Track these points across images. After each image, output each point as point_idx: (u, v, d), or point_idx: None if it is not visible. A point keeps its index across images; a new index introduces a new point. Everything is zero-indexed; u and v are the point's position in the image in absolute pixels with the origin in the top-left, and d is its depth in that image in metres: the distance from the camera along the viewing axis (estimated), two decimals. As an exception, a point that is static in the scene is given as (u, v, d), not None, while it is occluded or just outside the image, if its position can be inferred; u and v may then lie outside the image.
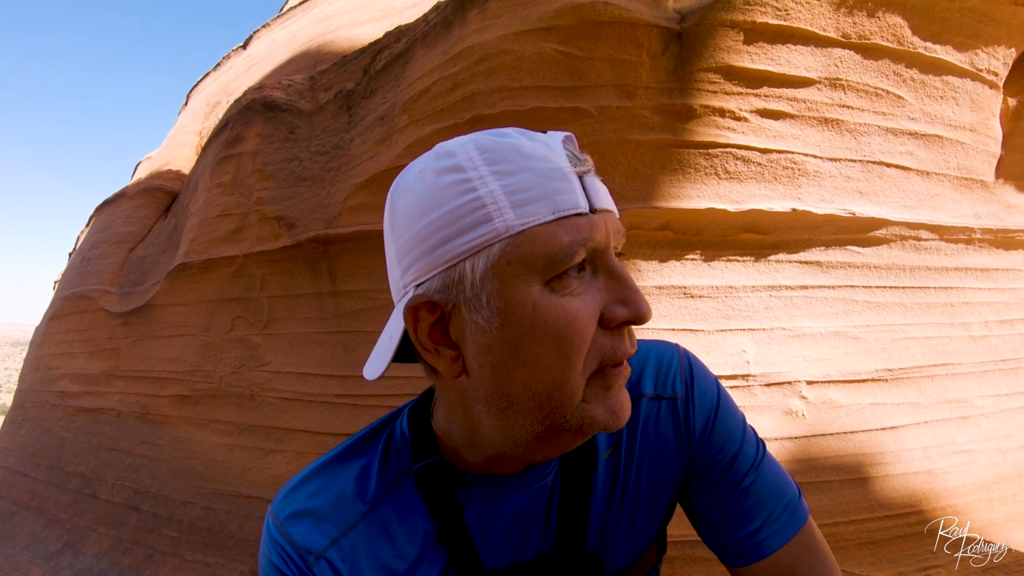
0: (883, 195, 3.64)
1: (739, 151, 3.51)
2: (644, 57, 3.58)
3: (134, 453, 6.52)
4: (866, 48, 3.55)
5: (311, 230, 4.79)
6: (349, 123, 5.07)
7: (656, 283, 3.64)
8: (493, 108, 3.78)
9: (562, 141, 0.68)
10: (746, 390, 3.57)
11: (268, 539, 0.81)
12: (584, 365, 0.65)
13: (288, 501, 0.81)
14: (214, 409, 5.68)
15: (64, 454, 7.58)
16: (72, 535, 6.67)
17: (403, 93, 4.45)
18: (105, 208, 9.28)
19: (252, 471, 5.23)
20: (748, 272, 3.65)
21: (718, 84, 3.51)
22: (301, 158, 5.24)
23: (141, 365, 6.73)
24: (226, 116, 6.26)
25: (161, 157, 9.51)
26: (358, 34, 7.47)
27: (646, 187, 3.60)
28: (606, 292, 0.65)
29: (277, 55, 8.55)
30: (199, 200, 6.19)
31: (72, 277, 8.88)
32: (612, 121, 3.60)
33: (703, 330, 3.62)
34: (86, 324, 7.99)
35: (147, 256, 7.47)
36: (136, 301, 6.97)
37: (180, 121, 10.44)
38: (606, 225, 0.66)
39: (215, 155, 6.06)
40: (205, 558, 5.34)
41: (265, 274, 5.31)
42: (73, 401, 7.84)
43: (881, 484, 3.55)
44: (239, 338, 5.52)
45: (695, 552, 3.32)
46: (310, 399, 4.94)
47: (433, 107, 4.09)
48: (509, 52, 3.74)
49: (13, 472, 8.41)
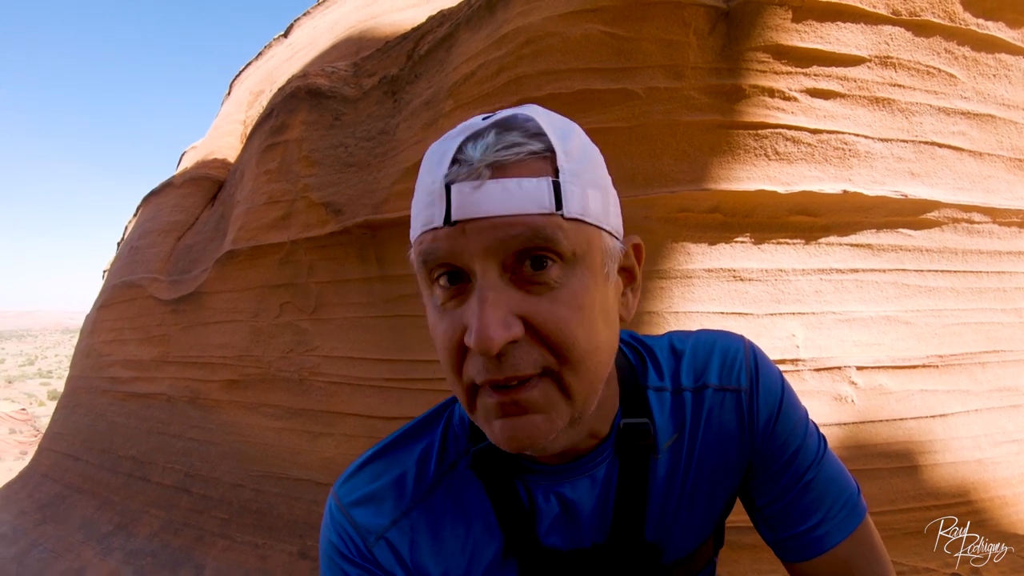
0: (935, 176, 3.62)
1: (789, 132, 3.53)
2: (692, 37, 3.62)
3: (184, 437, 6.80)
4: (917, 25, 3.54)
5: (358, 216, 4.93)
6: (394, 108, 5.19)
7: (706, 266, 3.67)
8: (540, 91, 3.85)
9: (465, 139, 0.63)
10: (795, 375, 3.59)
11: (329, 519, 0.84)
12: (459, 375, 0.65)
13: (350, 483, 0.84)
14: (264, 393, 5.90)
15: (116, 438, 7.90)
16: (124, 517, 7.00)
17: (448, 77, 4.55)
18: (152, 198, 9.57)
19: (302, 454, 5.43)
20: (798, 255, 3.66)
21: (767, 63, 3.53)
22: (347, 144, 5.38)
23: (191, 351, 7.01)
24: (271, 104, 6.45)
25: (206, 146, 9.77)
26: (401, 19, 7.60)
27: (695, 169, 3.63)
28: (466, 311, 0.62)
29: (319, 42, 8.73)
30: (246, 188, 6.40)
31: (121, 266, 9.17)
32: (661, 102, 3.64)
33: (753, 314, 3.66)
34: (136, 312, 8.29)
35: (195, 244, 7.71)
36: (185, 288, 7.25)
37: (224, 111, 10.71)
38: (467, 236, 0.61)
39: (261, 143, 6.25)
40: (255, 539, 5.57)
41: (313, 260, 5.49)
42: (124, 387, 8.15)
43: (930, 473, 3.55)
44: (288, 323, 5.73)
45: (742, 539, 3.35)
46: (359, 383, 5.12)
47: (479, 91, 4.18)
48: (555, 34, 3.80)
49: (66, 456, 8.78)
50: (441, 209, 0.61)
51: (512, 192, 0.60)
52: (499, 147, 0.61)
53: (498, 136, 0.62)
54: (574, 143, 0.67)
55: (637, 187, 3.68)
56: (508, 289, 0.62)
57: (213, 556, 5.71)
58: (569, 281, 0.63)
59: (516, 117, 0.65)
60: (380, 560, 0.81)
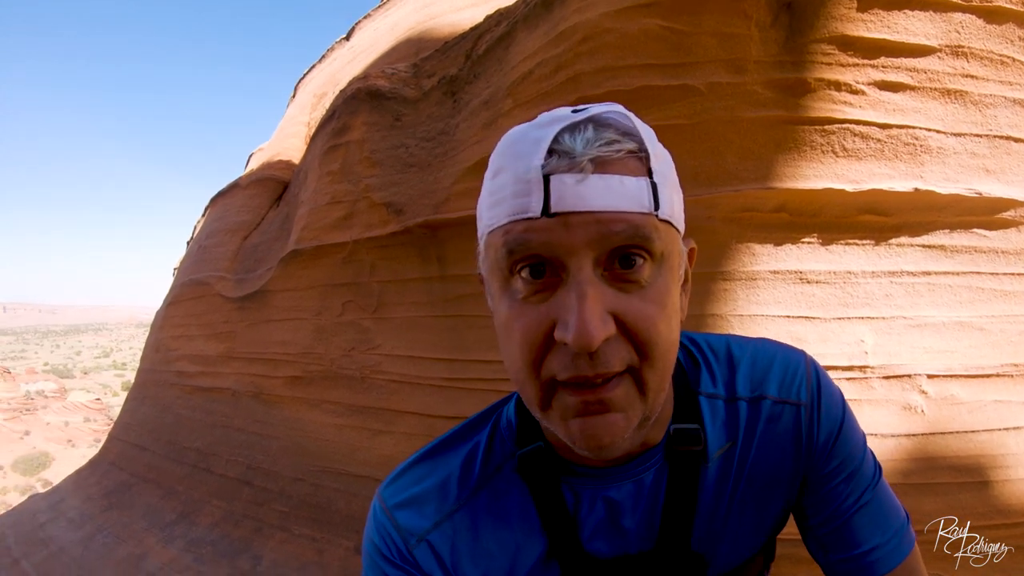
0: (1011, 173, 3.44)
1: (857, 127, 3.41)
2: (753, 29, 3.54)
3: (247, 431, 6.98)
4: (989, 12, 3.37)
5: (419, 216, 4.99)
6: (454, 109, 5.24)
7: (771, 268, 3.59)
8: (598, 88, 3.82)
9: (562, 130, 0.63)
10: (863, 382, 3.46)
11: (372, 520, 0.86)
12: (537, 372, 0.65)
13: (395, 485, 0.86)
14: (325, 390, 6.02)
15: (181, 430, 8.17)
16: (187, 506, 7.23)
17: (507, 76, 4.57)
18: (220, 199, 9.88)
19: (361, 451, 5.52)
20: (867, 256, 3.54)
21: (832, 55, 3.43)
22: (407, 145, 5.45)
23: (255, 347, 7.20)
24: (332, 106, 6.59)
25: (272, 148, 10.02)
26: (459, 19, 7.67)
27: (760, 167, 3.55)
28: (560, 306, 0.62)
29: (380, 44, 8.85)
30: (309, 189, 6.54)
31: (190, 264, 9.49)
32: (722, 98, 3.58)
33: (819, 317, 3.54)
34: (203, 308, 8.57)
35: (260, 244, 7.92)
36: (250, 287, 7.46)
37: (289, 113, 10.96)
38: (568, 229, 0.61)
39: (323, 144, 6.38)
40: (312, 533, 5.69)
41: (375, 259, 5.58)
42: (191, 381, 8.42)
43: (1000, 489, 3.36)
44: (350, 322, 5.83)
45: (801, 552, 3.21)
46: (419, 382, 5.18)
47: (538, 89, 4.19)
48: (612, 30, 3.78)
49: (133, 446, 9.12)
50: (539, 199, 0.61)
51: (615, 189, 0.61)
52: (599, 143, 0.62)
53: (596, 131, 0.62)
54: (658, 145, 0.69)
55: (700, 186, 3.62)
56: (602, 285, 0.62)
57: (271, 548, 5.84)
58: (656, 280, 0.65)
59: (610, 114, 0.65)
60: (420, 562, 0.83)
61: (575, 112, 0.65)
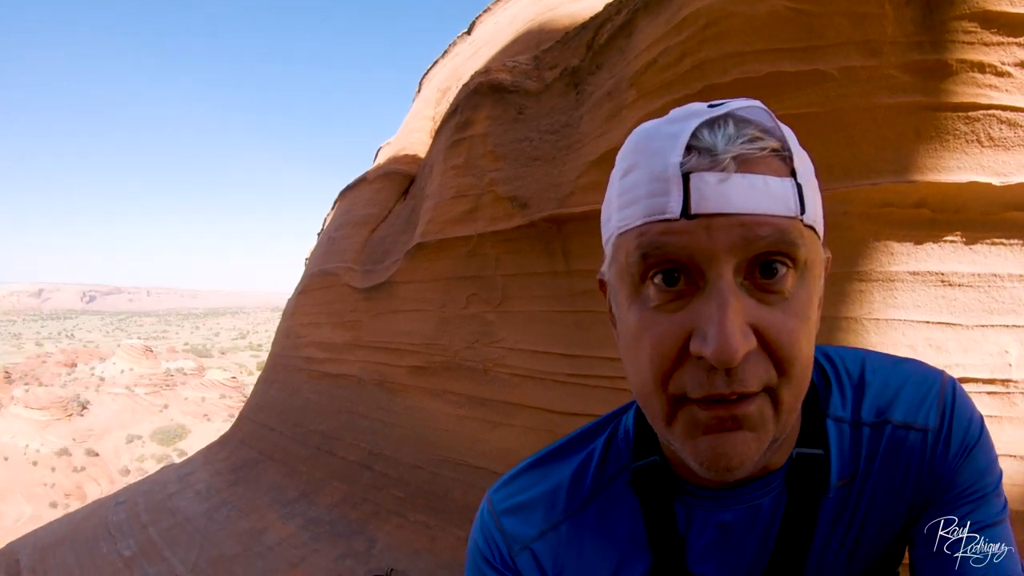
0: None
1: (1004, 113, 3.15)
2: (887, 8, 3.34)
3: (371, 417, 7.27)
4: None
5: (543, 210, 5.04)
6: (577, 100, 5.24)
7: (910, 268, 3.37)
8: (725, 76, 3.73)
9: (700, 125, 0.59)
10: (1004, 397, 3.19)
11: (479, 522, 0.84)
12: (665, 386, 0.60)
13: (505, 489, 0.84)
14: (448, 381, 6.19)
15: (308, 413, 8.60)
16: (308, 486, 7.61)
17: (629, 66, 4.53)
18: (348, 192, 10.30)
19: (480, 442, 5.63)
20: (1015, 258, 3.25)
21: (974, 34, 3.17)
22: (531, 138, 5.49)
23: (381, 337, 7.48)
24: (455, 101, 6.73)
25: (398, 143, 10.34)
26: (578, 9, 7.67)
27: (898, 158, 3.34)
28: (697, 316, 0.58)
29: (500, 37, 8.95)
30: (434, 182, 6.71)
31: (319, 255, 9.91)
32: (857, 83, 3.40)
33: (961, 324, 3.29)
34: (331, 298, 8.96)
35: (387, 236, 8.20)
36: (377, 278, 7.74)
37: (414, 108, 11.26)
38: (709, 233, 0.57)
39: (447, 139, 6.54)
40: (427, 520, 5.87)
41: (499, 253, 5.68)
42: (318, 367, 8.82)
43: None
44: (474, 315, 5.97)
45: None
46: (541, 376, 5.24)
47: (661, 79, 4.12)
48: (737, 14, 3.66)
49: (262, 426, 9.67)
50: (678, 199, 0.57)
51: (759, 190, 0.57)
52: (742, 139, 0.58)
53: (737, 128, 0.58)
54: (798, 144, 0.63)
55: (834, 179, 3.47)
56: (744, 295, 0.58)
57: (386, 532, 6.06)
58: (799, 291, 0.60)
59: (750, 109, 0.61)
60: (522, 570, 0.82)
61: (712, 107, 0.60)
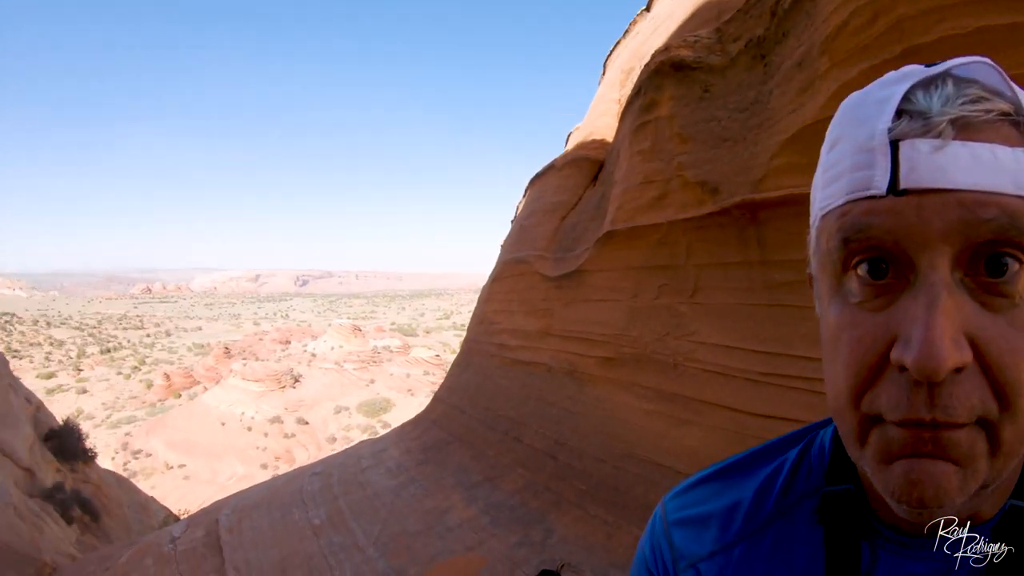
0: None
1: None
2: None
3: (559, 406, 7.23)
4: None
5: (735, 195, 4.73)
6: (765, 74, 4.88)
7: None
8: (927, 35, 3.29)
9: (913, 87, 0.49)
10: None
11: (651, 528, 0.80)
12: (857, 403, 0.50)
13: (682, 498, 0.78)
14: (637, 373, 5.99)
15: (498, 399, 8.75)
16: (494, 471, 7.72)
17: (818, 32, 4.15)
18: (538, 180, 10.41)
19: (666, 439, 5.41)
20: None
21: None
22: (719, 117, 5.18)
23: (571, 326, 7.43)
24: (638, 82, 6.54)
25: (585, 128, 10.31)
26: (758, -28, 7.14)
27: None
28: (902, 317, 0.47)
29: (679, 11, 8.59)
30: (622, 168, 6.57)
31: (511, 243, 10.10)
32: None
33: None
34: (523, 286, 9.08)
35: (577, 223, 8.15)
36: (567, 266, 7.72)
37: (600, 91, 11.17)
38: (920, 213, 0.46)
39: (632, 122, 6.37)
40: (606, 515, 5.72)
41: (690, 241, 5.41)
42: (510, 353, 8.96)
43: None
44: (665, 306, 5.73)
45: None
46: (732, 373, 4.92)
47: (855, 43, 3.73)
48: (929, -40, 3.22)
49: (454, 408, 9.99)
50: (884, 171, 0.48)
51: (984, 162, 0.46)
52: (962, 101, 0.48)
53: (958, 88, 0.48)
54: None
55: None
56: (961, 294, 0.47)
57: (564, 523, 5.99)
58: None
59: (974, 65, 0.50)
60: None
61: (929, 67, 0.50)
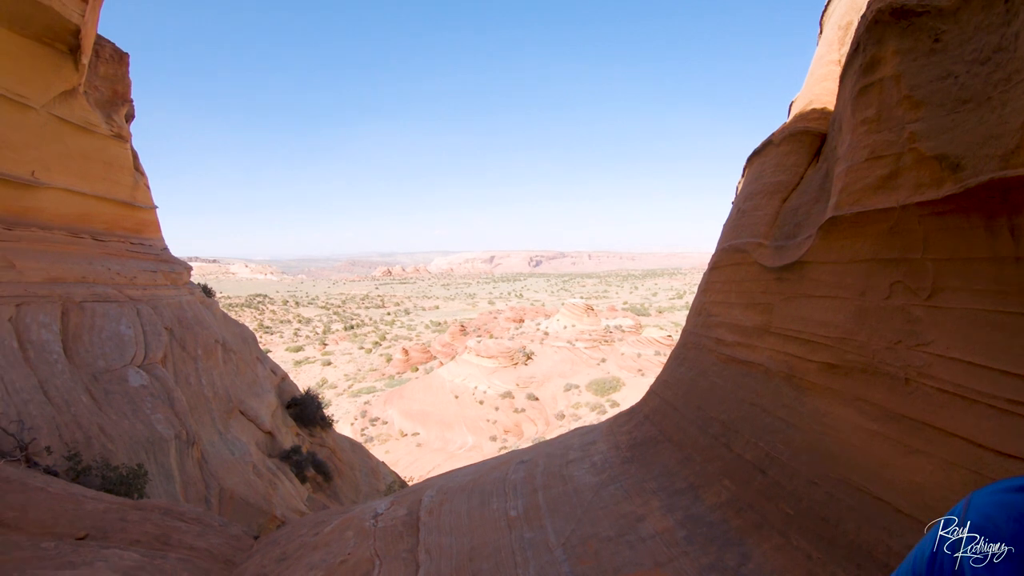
0: None
1: None
2: None
3: (773, 414, 6.44)
4: None
5: (981, 172, 3.78)
6: (1007, 11, 3.84)
7: None
8: None
9: None
10: None
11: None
12: None
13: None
14: (862, 386, 5.10)
15: (712, 398, 8.09)
16: (699, 479, 7.08)
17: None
18: (755, 158, 9.54)
19: (889, 469, 4.51)
20: None
21: None
22: (955, 73, 4.18)
23: (792, 324, 6.57)
24: (856, 37, 5.56)
25: (804, 97, 9.25)
26: None
27: None
28: None
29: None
30: (845, 142, 5.65)
31: (729, 229, 9.35)
32: None
33: None
34: (741, 276, 8.32)
35: (799, 207, 7.25)
36: (789, 256, 6.87)
37: (817, 52, 9.90)
38: None
39: (853, 86, 5.44)
40: (809, 549, 4.93)
41: (928, 230, 4.44)
42: (726, 350, 8.25)
43: None
44: (898, 308, 4.78)
45: None
46: (975, 398, 3.96)
47: None
48: None
49: (667, 403, 9.46)
50: None
51: None
52: None
53: None
54: None
55: None
56: None
57: (763, 551, 5.26)
58: None
59: None
60: None
61: None
